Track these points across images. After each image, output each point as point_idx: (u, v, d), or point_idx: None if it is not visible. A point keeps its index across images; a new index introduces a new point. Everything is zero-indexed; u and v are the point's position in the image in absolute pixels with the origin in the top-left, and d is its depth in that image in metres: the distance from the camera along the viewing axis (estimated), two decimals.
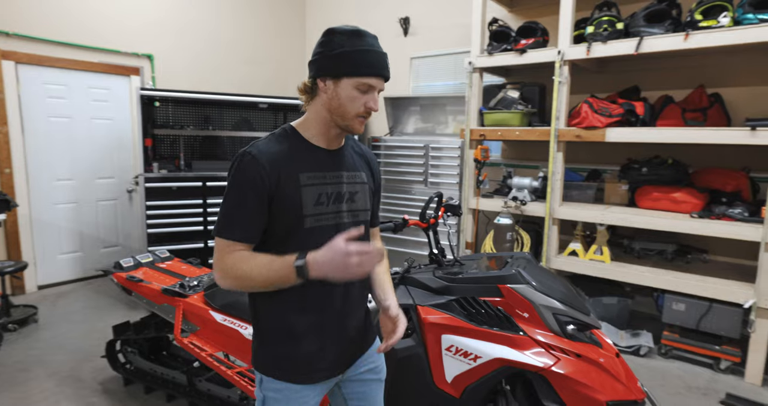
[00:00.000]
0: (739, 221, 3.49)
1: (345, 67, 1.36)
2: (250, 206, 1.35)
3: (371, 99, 1.40)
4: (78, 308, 4.63)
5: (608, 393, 1.97)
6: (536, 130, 4.23)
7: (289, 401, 1.47)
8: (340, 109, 1.39)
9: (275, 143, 1.41)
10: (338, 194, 1.46)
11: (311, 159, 1.43)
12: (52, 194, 5.17)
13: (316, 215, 1.41)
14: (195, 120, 5.24)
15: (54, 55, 5.00)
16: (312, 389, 1.50)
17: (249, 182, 1.34)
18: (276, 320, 1.47)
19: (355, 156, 1.58)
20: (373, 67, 1.37)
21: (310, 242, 1.36)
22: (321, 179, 1.43)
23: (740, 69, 4.03)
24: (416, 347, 2.15)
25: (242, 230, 1.36)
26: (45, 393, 3.13)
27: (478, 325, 2.09)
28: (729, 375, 3.54)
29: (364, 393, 1.64)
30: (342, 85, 1.37)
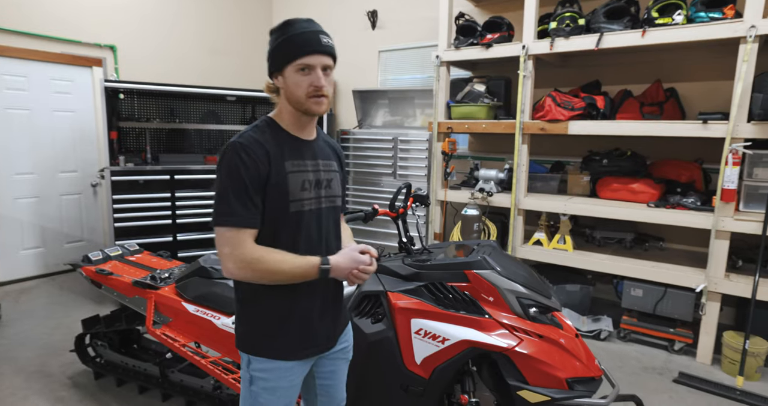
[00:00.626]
0: (692, 210, 3.64)
1: (282, 58, 1.44)
2: (250, 192, 1.40)
3: (315, 77, 1.43)
4: (42, 304, 4.54)
5: (568, 371, 2.07)
6: (502, 123, 4.29)
7: (278, 379, 1.53)
8: (293, 96, 1.45)
9: (261, 133, 1.47)
10: (317, 181, 1.55)
11: (293, 147, 1.51)
12: (13, 189, 5.01)
13: (299, 200, 1.48)
14: (161, 112, 5.13)
15: (13, 45, 4.83)
16: (300, 365, 1.58)
17: (244, 170, 1.39)
18: (268, 302, 1.53)
19: (325, 146, 1.65)
20: (304, 47, 1.42)
21: (297, 226, 1.49)
22: (303, 167, 1.51)
23: (694, 65, 4.18)
24: (387, 331, 2.20)
25: (247, 217, 1.41)
26: (14, 388, 3.08)
27: (446, 309, 2.14)
28: (682, 356, 3.70)
29: (333, 372, 1.73)
30: (287, 75, 1.45)
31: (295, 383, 1.59)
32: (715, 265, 3.47)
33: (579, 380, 2.10)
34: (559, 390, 2.05)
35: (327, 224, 1.60)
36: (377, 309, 2.28)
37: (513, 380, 2.06)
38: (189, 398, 2.86)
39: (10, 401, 2.94)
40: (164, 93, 5.04)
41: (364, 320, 2.28)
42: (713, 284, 3.48)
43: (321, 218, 1.57)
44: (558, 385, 2.05)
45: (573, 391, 2.06)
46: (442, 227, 4.81)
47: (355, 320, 2.27)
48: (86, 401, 2.96)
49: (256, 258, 1.39)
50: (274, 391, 1.54)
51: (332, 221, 1.63)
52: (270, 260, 1.39)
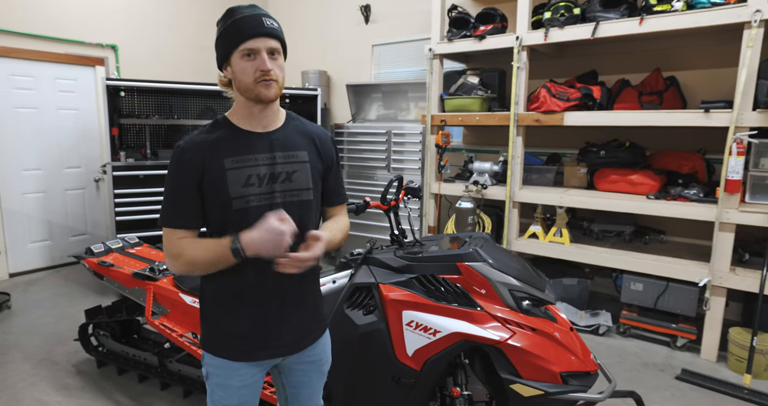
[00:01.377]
0: (694, 202, 3.40)
1: (226, 46, 1.35)
2: (184, 194, 1.36)
3: (260, 61, 1.32)
4: (49, 294, 4.54)
5: (562, 365, 1.97)
6: (496, 115, 4.07)
7: (228, 378, 1.45)
8: (241, 84, 1.35)
9: (205, 134, 1.40)
10: (272, 175, 1.40)
11: (240, 143, 1.39)
12: (21, 184, 5.00)
13: (244, 197, 1.37)
14: (160, 109, 5.05)
15: (20, 47, 4.83)
16: (251, 367, 1.46)
17: (179, 172, 1.36)
18: (217, 298, 1.46)
19: (296, 136, 1.49)
20: (244, 31, 1.31)
21: (242, 222, 1.35)
22: (251, 161, 1.38)
23: (695, 52, 3.92)
24: (378, 322, 2.11)
25: (180, 218, 1.37)
26: (22, 375, 3.11)
27: (437, 301, 2.05)
28: (685, 352, 3.46)
29: (303, 383, 1.61)
30: (233, 63, 1.35)
31: (248, 384, 1.47)
32: (720, 258, 3.22)
33: (574, 374, 1.99)
34: (553, 384, 1.94)
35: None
36: (369, 301, 2.19)
37: (506, 374, 1.96)
38: (186, 387, 2.83)
39: (20, 387, 2.97)
40: (163, 90, 4.95)
41: (355, 311, 2.19)
42: (718, 279, 3.23)
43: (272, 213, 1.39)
44: (552, 379, 1.94)
45: (567, 385, 1.95)
46: (437, 220, 4.60)
47: (347, 311, 2.19)
48: (89, 388, 2.97)
49: (179, 252, 1.35)
50: (225, 388, 1.46)
51: (295, 216, 1.39)
52: (189, 250, 1.34)
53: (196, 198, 1.36)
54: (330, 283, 2.37)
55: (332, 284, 2.37)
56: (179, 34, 6.10)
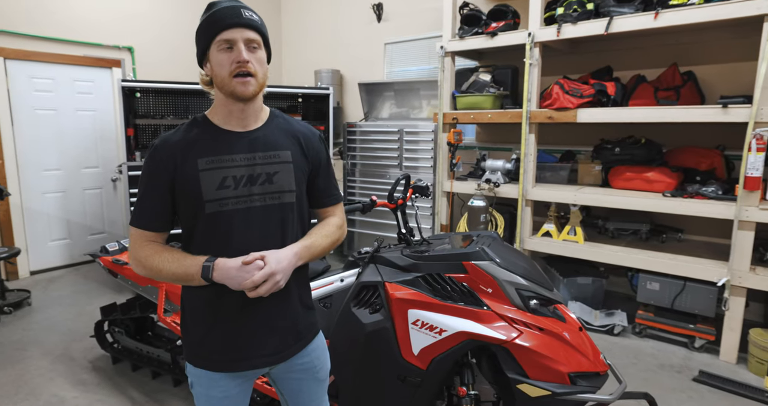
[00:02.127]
0: (713, 199, 3.31)
1: (203, 40, 1.31)
2: (153, 195, 1.32)
3: (236, 52, 1.27)
4: (68, 292, 4.63)
5: (570, 365, 1.93)
6: (508, 113, 4.03)
7: (209, 388, 1.40)
8: (218, 79, 1.29)
9: (181, 133, 1.34)
10: (250, 177, 1.33)
11: (216, 143, 1.33)
12: (41, 184, 5.10)
13: (219, 200, 1.30)
14: (175, 109, 5.09)
15: (40, 50, 4.92)
16: (232, 378, 1.41)
17: (150, 173, 1.32)
18: (195, 308, 1.41)
19: (279, 135, 1.41)
20: (220, 22, 1.27)
21: (217, 227, 1.31)
22: (227, 162, 1.32)
23: (714, 46, 3.82)
24: (384, 321, 2.10)
25: (148, 220, 1.34)
26: (41, 370, 3.18)
27: (443, 300, 2.02)
28: (704, 354, 3.37)
29: (300, 391, 1.55)
30: (211, 57, 1.30)
31: (230, 395, 1.41)
32: (739, 257, 3.14)
33: (582, 374, 1.94)
34: (561, 385, 1.90)
35: (264, 223, 1.35)
36: (375, 299, 2.17)
37: (512, 374, 1.93)
38: None
39: (38, 382, 3.03)
40: (177, 91, 4.99)
41: (362, 310, 2.17)
42: (737, 278, 3.14)
43: (252, 217, 1.33)
44: (559, 379, 1.90)
45: (576, 386, 1.91)
46: (449, 219, 4.57)
47: (354, 310, 2.18)
48: (104, 384, 3.02)
49: (145, 256, 1.31)
50: (208, 399, 1.41)
51: (276, 221, 1.37)
52: (157, 259, 1.30)
53: (166, 200, 1.31)
54: (338, 281, 2.37)
55: (340, 282, 2.37)
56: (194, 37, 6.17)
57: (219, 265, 1.25)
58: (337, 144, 5.72)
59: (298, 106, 5.61)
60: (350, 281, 2.32)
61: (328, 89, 5.27)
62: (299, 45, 6.93)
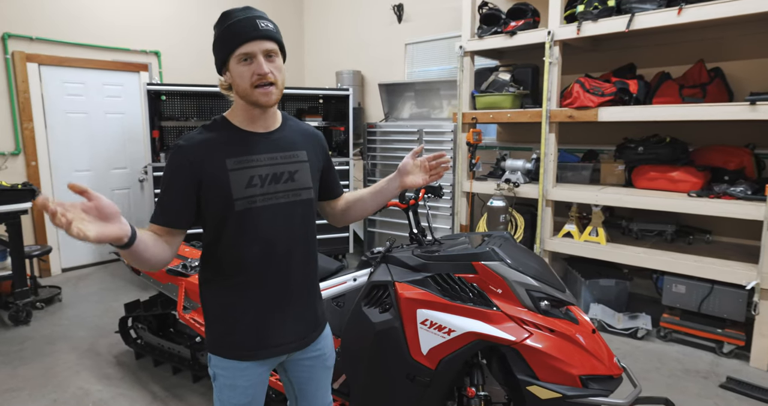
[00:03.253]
0: (741, 200, 3.22)
1: (222, 53, 1.36)
2: (176, 193, 1.35)
3: (256, 65, 1.32)
4: (96, 289, 4.79)
5: (582, 367, 1.89)
6: (528, 112, 4.00)
7: (235, 378, 1.45)
8: (239, 89, 1.36)
9: (205, 133, 1.39)
10: (274, 175, 1.41)
11: (241, 144, 1.40)
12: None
13: (247, 198, 1.37)
14: (199, 112, 5.24)
15: (72, 56, 5.12)
16: (257, 366, 1.47)
17: (176, 172, 1.34)
18: (217, 299, 1.46)
19: (295, 136, 1.51)
20: (240, 36, 1.31)
21: (246, 223, 1.37)
22: (254, 162, 1.39)
23: (742, 41, 3.71)
24: (393, 320, 2.10)
25: (164, 216, 1.36)
26: (68, 364, 3.30)
27: (452, 300, 2.02)
28: (732, 359, 3.28)
29: (310, 379, 1.62)
30: (231, 68, 1.35)
31: (255, 382, 1.48)
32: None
33: (594, 377, 1.91)
34: (572, 387, 1.87)
35: (288, 219, 1.44)
36: (385, 299, 2.18)
37: (522, 375, 1.91)
38: None
39: (65, 375, 3.15)
40: (201, 93, 5.13)
41: (372, 309, 2.18)
42: (767, 281, 3.05)
43: (277, 213, 1.41)
44: (571, 382, 1.87)
45: (587, 389, 1.87)
46: (468, 219, 4.56)
47: (364, 309, 2.19)
48: (127, 378, 3.12)
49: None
50: (233, 388, 1.46)
51: (298, 216, 1.46)
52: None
53: (191, 198, 1.35)
54: (350, 281, 2.37)
55: (353, 281, 2.37)
56: None
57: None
58: (357, 144, 5.76)
59: (318, 107, 5.69)
60: (363, 281, 2.32)
61: (347, 90, 5.33)
62: (321, 46, 7.01)
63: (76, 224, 0.99)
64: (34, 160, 4.89)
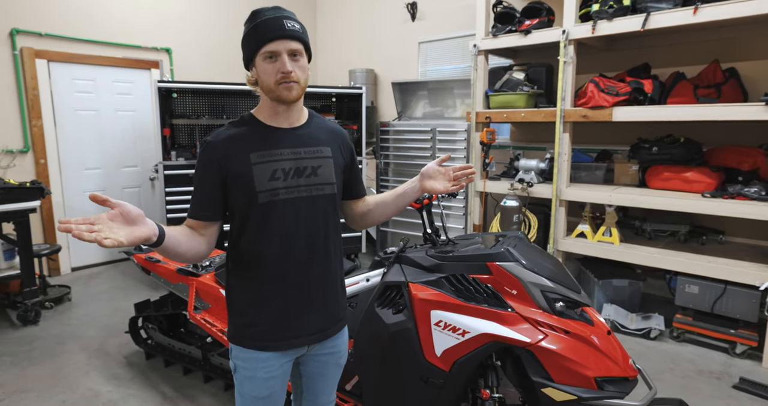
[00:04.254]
0: (756, 200, 3.25)
1: (249, 49, 1.42)
2: (205, 188, 1.43)
3: (281, 63, 1.39)
4: (106, 288, 4.80)
5: (597, 369, 1.90)
6: (542, 112, 4.03)
7: (255, 369, 1.49)
8: (264, 85, 1.43)
9: (232, 129, 1.47)
10: (297, 169, 1.47)
11: (265, 138, 1.46)
12: (82, 182, 5.32)
13: (270, 191, 1.43)
14: (210, 110, 5.27)
15: (82, 53, 5.14)
16: (278, 357, 1.51)
17: (204, 167, 1.43)
18: (240, 290, 1.51)
19: (320, 133, 1.57)
20: (266, 34, 1.38)
21: (269, 216, 1.43)
22: (277, 156, 1.45)
23: (757, 41, 3.73)
24: (407, 322, 2.11)
25: (196, 210, 1.44)
26: (78, 364, 3.29)
27: (467, 301, 2.02)
28: (745, 360, 3.32)
29: (321, 375, 1.66)
30: (257, 65, 1.42)
31: (275, 375, 1.52)
32: None
33: (610, 379, 1.92)
34: (587, 389, 1.87)
35: (311, 213, 1.49)
36: (399, 299, 2.19)
37: (537, 377, 1.92)
38: (227, 381, 2.89)
39: (74, 376, 3.14)
40: (212, 91, 5.15)
41: (385, 310, 2.19)
42: None
43: (299, 207, 1.47)
44: (586, 384, 1.88)
45: (603, 391, 1.88)
46: (482, 219, 4.60)
47: (378, 310, 2.20)
48: (137, 379, 3.11)
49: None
50: (253, 380, 1.50)
51: (320, 210, 1.51)
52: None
53: (218, 192, 1.43)
54: (364, 281, 2.39)
55: (366, 282, 2.39)
56: (232, 39, 6.30)
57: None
58: (370, 143, 5.79)
59: (331, 105, 5.72)
60: (376, 281, 2.34)
61: (360, 88, 5.35)
62: (334, 45, 7.05)
63: (106, 234, 1.09)
64: (43, 158, 4.91)
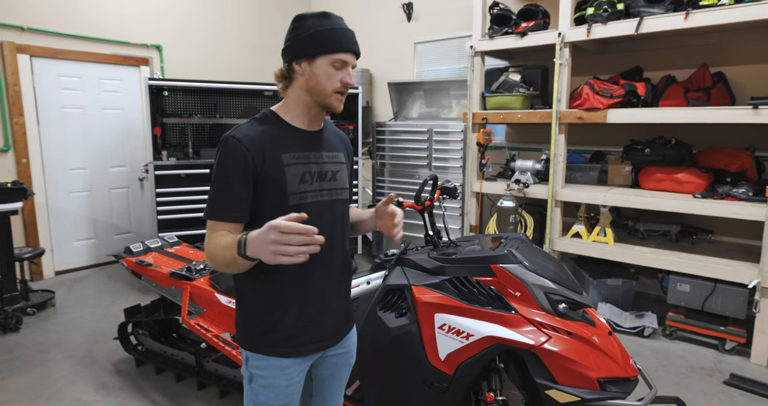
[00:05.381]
0: (743, 201, 3.39)
1: (318, 47, 1.39)
2: (236, 187, 1.36)
3: (346, 74, 1.42)
4: (92, 292, 4.68)
5: (600, 370, 1.95)
6: (538, 113, 4.12)
7: (275, 377, 1.47)
8: (317, 87, 1.41)
9: (258, 126, 1.43)
10: (320, 173, 1.49)
11: (293, 140, 1.45)
12: (67, 183, 5.21)
13: (300, 193, 1.43)
14: (203, 108, 5.22)
15: (67, 48, 5.02)
16: (298, 363, 1.50)
17: (234, 164, 1.36)
18: (259, 295, 1.47)
19: (333, 138, 1.60)
20: (343, 43, 1.40)
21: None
22: (304, 159, 1.45)
23: (745, 47, 3.88)
24: (410, 325, 2.13)
25: (228, 211, 1.37)
26: (63, 373, 3.19)
27: (470, 304, 2.05)
28: (735, 356, 3.44)
29: (332, 375, 1.66)
30: (317, 65, 1.39)
31: (293, 382, 1.51)
32: None
33: (612, 380, 1.98)
34: (590, 390, 1.93)
35: (331, 216, 1.52)
36: (401, 303, 2.21)
37: (541, 379, 1.96)
38: (223, 387, 2.86)
39: (60, 385, 3.04)
40: (205, 89, 5.10)
41: (388, 313, 2.21)
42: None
43: (323, 210, 1.49)
44: (589, 385, 1.94)
45: (605, 392, 1.94)
46: (478, 219, 4.67)
47: (380, 313, 2.21)
48: (127, 387, 3.03)
49: (207, 247, 1.37)
50: (271, 389, 1.48)
51: (338, 214, 1.54)
52: (214, 245, 1.33)
53: (249, 191, 1.38)
54: (364, 284, 2.38)
55: (366, 284, 2.38)
56: (225, 35, 6.28)
57: (249, 237, 1.21)
58: (366, 144, 5.81)
59: None
60: (376, 284, 2.33)
61: (357, 88, 5.35)
62: None
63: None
64: (25, 157, 4.78)
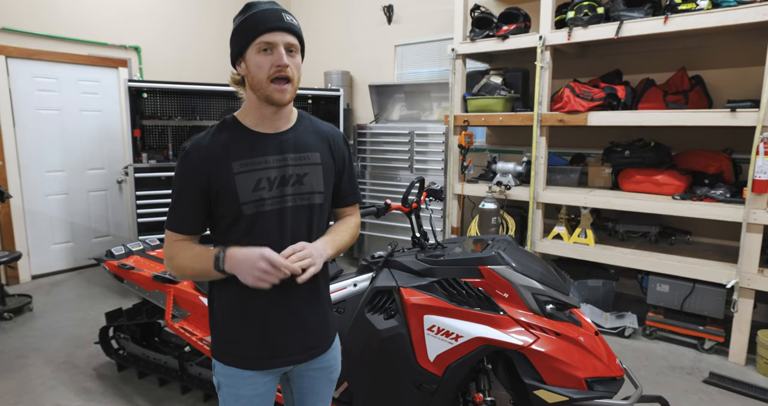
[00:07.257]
0: (721, 202, 3.41)
1: (242, 39, 1.31)
2: (187, 199, 1.35)
3: (277, 56, 1.28)
4: (71, 296, 4.61)
5: (587, 370, 1.96)
6: (519, 115, 4.12)
7: (239, 387, 1.43)
8: (254, 81, 1.31)
9: (212, 135, 1.37)
10: (282, 178, 1.37)
11: (249, 145, 1.36)
12: (44, 186, 5.11)
13: (255, 202, 1.34)
14: (182, 110, 5.15)
15: (43, 49, 4.93)
16: (261, 375, 1.44)
17: (183, 177, 1.35)
18: (223, 303, 1.44)
19: (309, 136, 1.45)
20: (263, 24, 1.28)
21: (253, 228, 1.35)
22: (260, 164, 1.36)
23: (721, 51, 3.92)
24: (399, 327, 2.12)
25: (180, 223, 1.38)
26: (42, 379, 3.13)
27: (459, 305, 2.05)
28: (713, 355, 3.47)
29: (312, 390, 1.58)
30: (248, 58, 1.31)
31: (260, 393, 1.45)
32: (748, 260, 3.24)
33: (599, 379, 1.98)
34: (578, 390, 1.93)
35: (295, 224, 1.40)
36: (390, 305, 2.18)
37: (529, 379, 1.96)
38: (206, 391, 2.83)
39: (39, 391, 2.98)
40: (185, 91, 5.04)
41: (376, 316, 2.18)
42: (746, 280, 3.25)
43: (285, 218, 1.38)
44: (576, 385, 1.94)
45: (593, 391, 1.94)
46: (460, 221, 4.65)
47: (368, 315, 2.19)
48: (109, 392, 2.98)
49: (172, 255, 1.37)
50: (238, 398, 1.44)
51: (305, 221, 1.42)
52: (180, 255, 1.35)
53: (200, 203, 1.35)
54: (351, 286, 2.36)
55: (353, 287, 2.36)
56: (204, 36, 6.20)
57: (229, 254, 1.27)
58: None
59: (308, 107, 5.68)
60: (364, 286, 2.31)
61: (338, 91, 5.32)
62: (309, 46, 6.89)
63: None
64: (0, 159, 4.68)
